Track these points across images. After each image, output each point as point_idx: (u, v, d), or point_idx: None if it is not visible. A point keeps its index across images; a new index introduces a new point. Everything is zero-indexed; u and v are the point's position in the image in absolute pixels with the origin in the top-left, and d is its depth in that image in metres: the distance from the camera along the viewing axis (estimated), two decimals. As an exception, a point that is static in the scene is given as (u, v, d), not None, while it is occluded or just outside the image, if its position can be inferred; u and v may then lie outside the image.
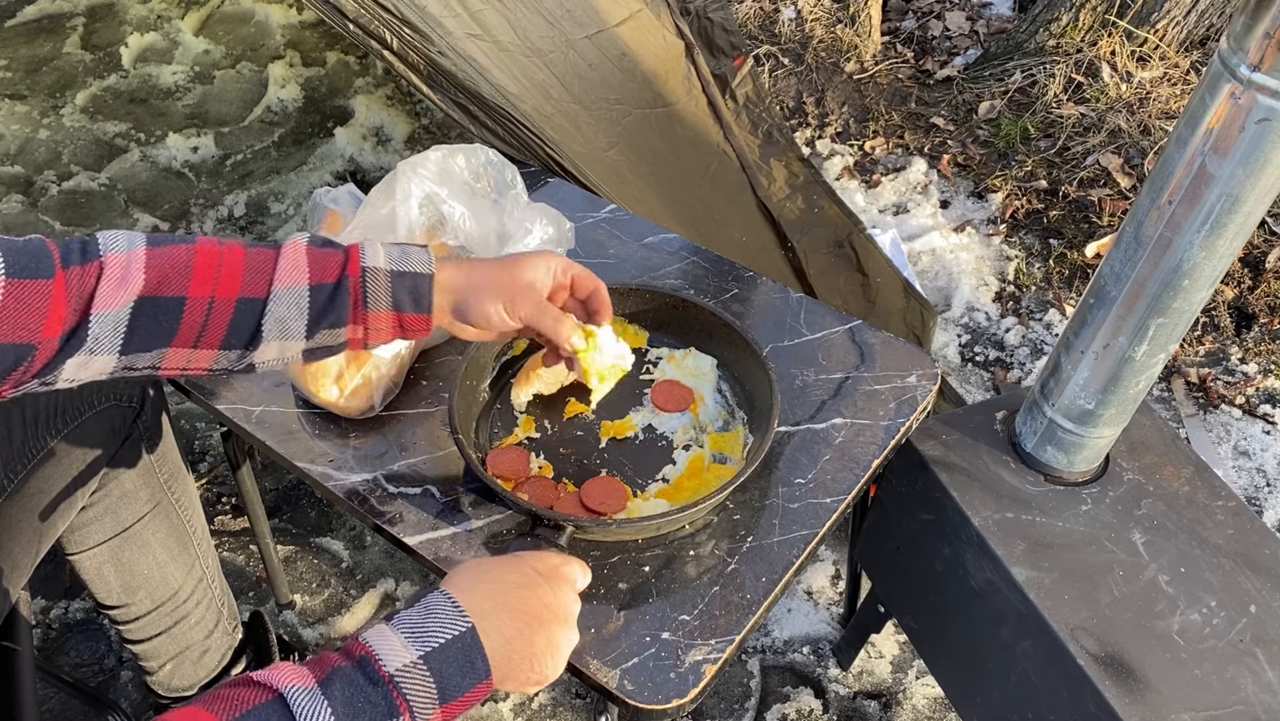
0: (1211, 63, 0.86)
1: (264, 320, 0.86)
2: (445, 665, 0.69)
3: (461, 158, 1.23)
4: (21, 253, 0.78)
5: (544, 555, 0.83)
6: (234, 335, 0.87)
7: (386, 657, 0.68)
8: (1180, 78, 2.67)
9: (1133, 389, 1.08)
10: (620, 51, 1.79)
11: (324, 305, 0.88)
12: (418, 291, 0.91)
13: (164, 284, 0.83)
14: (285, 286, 0.86)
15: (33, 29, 3.08)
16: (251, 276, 0.86)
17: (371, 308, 0.89)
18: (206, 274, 0.84)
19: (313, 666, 0.68)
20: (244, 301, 0.86)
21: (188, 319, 0.84)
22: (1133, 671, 1.01)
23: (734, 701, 1.59)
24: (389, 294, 0.90)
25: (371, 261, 0.89)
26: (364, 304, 0.89)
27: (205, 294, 0.84)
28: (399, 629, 0.70)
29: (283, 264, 0.87)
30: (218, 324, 0.86)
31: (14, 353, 0.78)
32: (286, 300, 0.86)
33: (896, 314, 1.93)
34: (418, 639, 0.70)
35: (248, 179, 2.58)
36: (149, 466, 1.21)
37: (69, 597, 1.69)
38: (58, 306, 0.79)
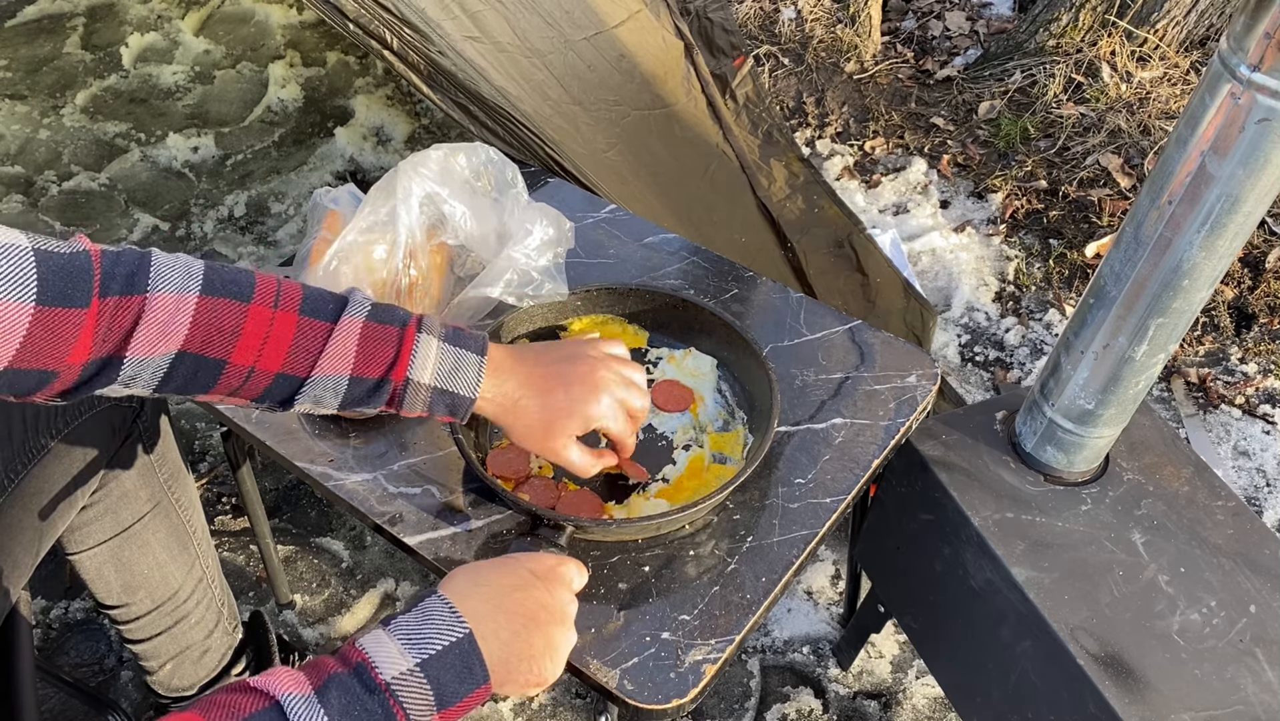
0: (1211, 63, 0.86)
1: (298, 396, 0.86)
2: (442, 672, 0.69)
3: (462, 156, 1.23)
4: (60, 274, 0.73)
5: (540, 556, 0.83)
6: (268, 398, 0.86)
7: (383, 665, 0.68)
8: (1180, 78, 2.67)
9: (1133, 389, 1.08)
10: (619, 52, 1.79)
11: (360, 395, 0.87)
12: (455, 408, 0.90)
13: (208, 344, 0.80)
14: (325, 374, 0.85)
15: (33, 29, 3.08)
16: (296, 354, 0.84)
17: (406, 409, 0.89)
18: (253, 343, 0.82)
19: (309, 672, 0.67)
20: (283, 376, 0.84)
21: (225, 380, 0.83)
22: (1133, 671, 1.01)
23: (734, 701, 1.59)
24: (426, 405, 0.89)
25: (417, 375, 0.87)
26: (400, 404, 0.89)
27: (247, 363, 0.82)
28: (396, 635, 0.70)
29: (330, 349, 0.84)
30: (254, 387, 0.84)
31: (35, 377, 0.75)
32: (324, 384, 0.85)
33: (896, 314, 1.93)
34: (414, 645, 0.70)
35: (248, 179, 2.58)
36: (149, 466, 1.21)
37: (69, 597, 1.69)
38: (86, 336, 0.75)
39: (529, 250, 1.20)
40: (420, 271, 1.17)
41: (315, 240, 1.23)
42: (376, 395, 0.87)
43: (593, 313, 1.26)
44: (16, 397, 0.77)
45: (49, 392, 0.77)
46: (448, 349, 0.88)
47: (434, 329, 0.88)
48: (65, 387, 0.78)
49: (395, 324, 0.87)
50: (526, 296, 1.18)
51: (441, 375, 0.88)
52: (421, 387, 0.87)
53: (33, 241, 0.73)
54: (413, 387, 0.87)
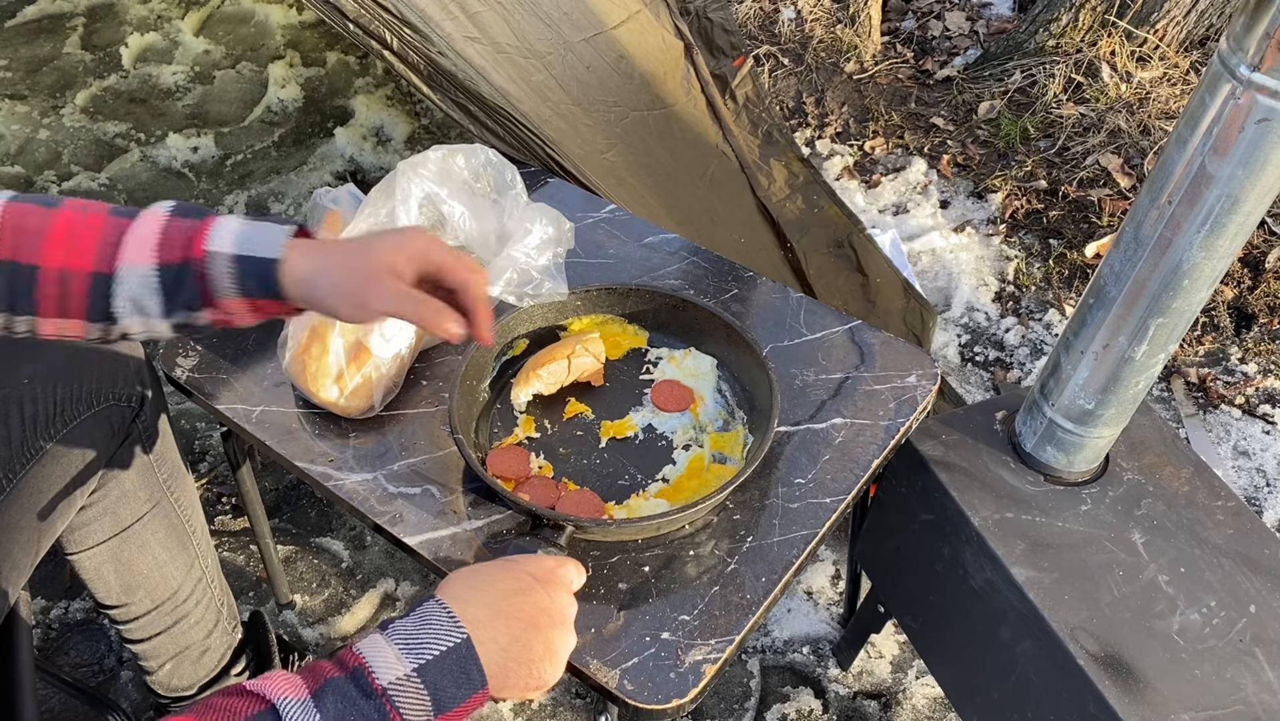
0: (1211, 63, 0.86)
1: (113, 297, 0.83)
2: (440, 677, 0.69)
3: (461, 158, 1.23)
4: None
5: (539, 558, 0.82)
6: (92, 308, 0.84)
7: (380, 670, 0.67)
8: (1180, 78, 2.67)
9: (1132, 389, 1.08)
10: (618, 53, 1.79)
11: (172, 287, 0.83)
12: (264, 277, 0.84)
13: (18, 249, 0.81)
14: (130, 264, 0.82)
15: (33, 29, 3.07)
16: (103, 249, 0.82)
17: (219, 295, 0.84)
18: (59, 241, 0.81)
19: (306, 676, 0.67)
20: (97, 276, 0.82)
21: (43, 288, 0.82)
22: (1133, 671, 1.01)
23: (734, 701, 1.59)
24: (234, 279, 0.84)
25: (216, 245, 0.83)
26: (212, 291, 0.84)
27: (57, 263, 0.81)
28: (393, 640, 0.70)
29: (130, 238, 0.82)
30: (75, 296, 0.83)
31: None
32: (133, 278, 0.83)
33: (896, 314, 1.93)
34: (412, 650, 0.69)
35: (248, 179, 2.58)
36: (148, 466, 1.21)
37: (69, 597, 1.69)
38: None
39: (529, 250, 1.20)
40: (420, 271, 1.17)
41: (315, 240, 1.23)
42: (183, 282, 0.83)
43: (593, 313, 1.26)
44: None
45: None
46: (249, 221, 0.86)
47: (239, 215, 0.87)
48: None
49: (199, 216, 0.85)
50: (526, 296, 1.18)
51: (241, 242, 0.84)
52: (221, 259, 0.83)
53: None
54: (212, 261, 0.83)
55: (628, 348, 1.25)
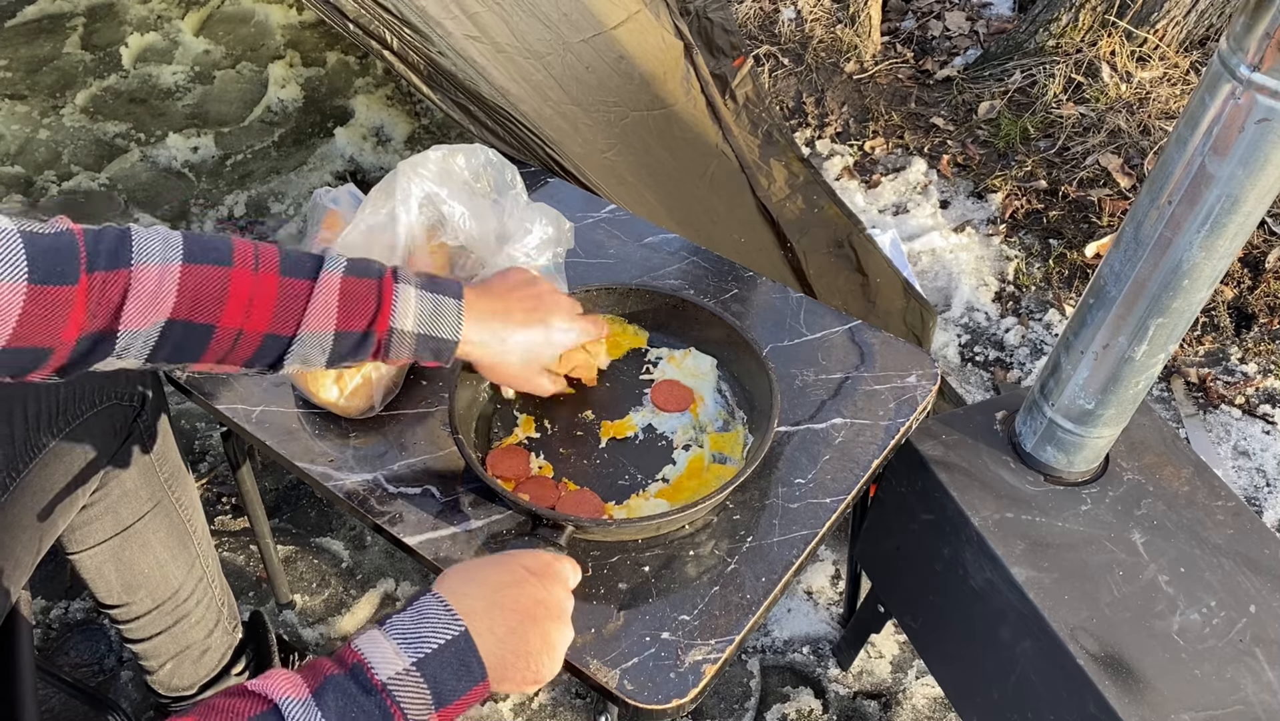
0: (1211, 63, 0.86)
1: (287, 355, 0.88)
2: (439, 670, 0.69)
3: (461, 158, 1.23)
4: (47, 254, 0.76)
5: (535, 553, 0.83)
6: (258, 360, 0.89)
7: (379, 665, 0.68)
8: (1180, 78, 2.67)
9: (1132, 389, 1.08)
10: (618, 54, 1.79)
11: (347, 349, 0.90)
12: (440, 353, 0.94)
13: (195, 310, 0.83)
14: (311, 331, 0.87)
15: (33, 29, 3.08)
16: (281, 314, 0.86)
17: (393, 356, 0.93)
18: (238, 305, 0.84)
19: (306, 674, 0.67)
20: (271, 337, 0.87)
21: (215, 345, 0.85)
22: (1133, 671, 1.01)
23: (734, 701, 1.59)
24: (411, 351, 0.93)
25: (400, 323, 0.90)
26: (386, 353, 0.92)
27: (235, 325, 0.85)
28: (391, 635, 0.70)
29: (313, 307, 0.87)
30: (244, 350, 0.87)
31: (31, 355, 0.78)
32: (311, 341, 0.88)
33: (896, 314, 1.93)
34: (410, 645, 0.70)
35: (248, 179, 2.58)
36: (149, 465, 1.21)
37: (69, 597, 1.69)
38: (78, 312, 0.78)
39: (529, 250, 1.20)
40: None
41: (315, 240, 1.23)
42: (363, 347, 0.90)
43: (593, 312, 1.25)
44: (14, 378, 0.79)
45: (45, 370, 0.80)
46: (426, 295, 0.92)
47: (409, 278, 0.92)
48: (61, 364, 0.80)
49: (373, 276, 0.90)
50: (526, 296, 1.18)
51: (423, 321, 0.91)
52: (406, 335, 0.91)
53: (17, 224, 0.75)
54: (397, 336, 0.91)
55: (628, 347, 1.25)
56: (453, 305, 0.93)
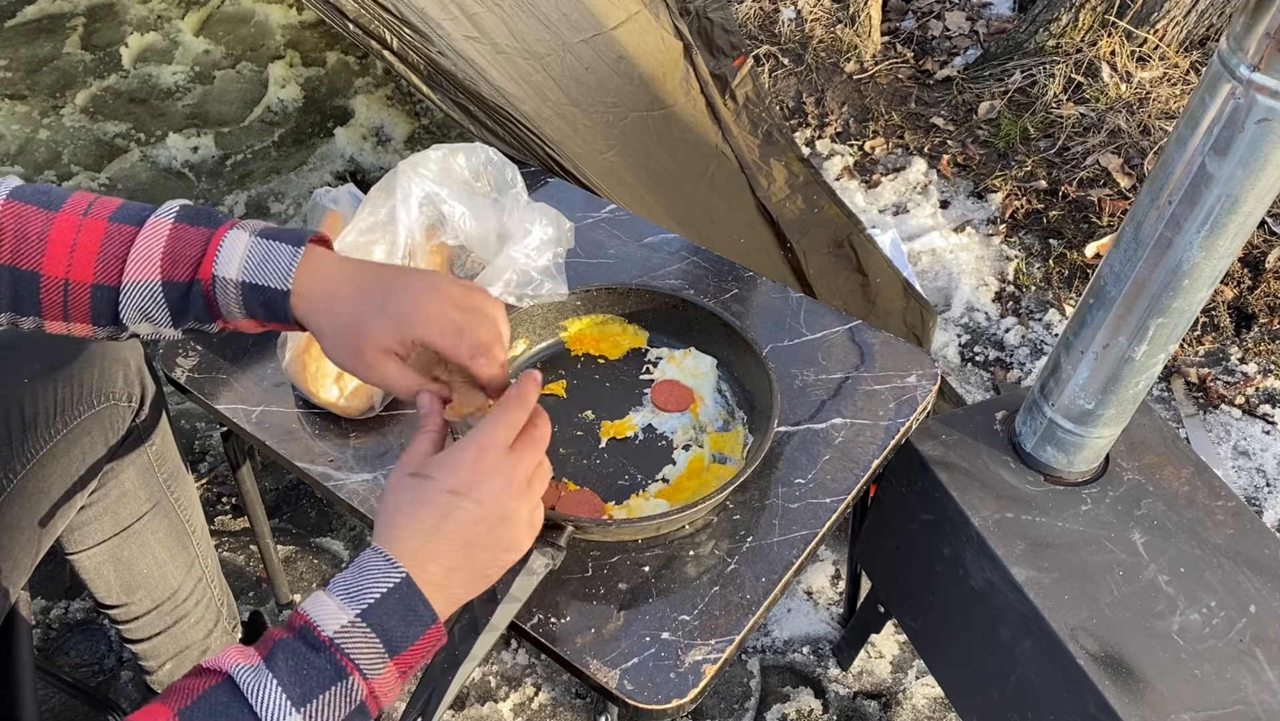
0: (1211, 63, 0.86)
1: (121, 309, 0.82)
2: (385, 618, 0.69)
3: (462, 157, 1.23)
4: None
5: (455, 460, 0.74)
6: (98, 316, 0.83)
7: (324, 622, 0.68)
8: (1180, 78, 2.67)
9: (1133, 389, 1.08)
10: (618, 54, 1.79)
11: (180, 303, 0.82)
12: (273, 306, 0.81)
13: (19, 253, 0.79)
14: (136, 280, 0.80)
15: (33, 29, 3.08)
16: (104, 261, 0.80)
17: (226, 316, 0.83)
18: (61, 251, 0.79)
19: (259, 645, 0.68)
20: (98, 288, 0.81)
21: (46, 295, 0.81)
22: (1133, 671, 1.01)
23: (734, 701, 1.59)
24: (241, 305, 0.82)
25: (223, 270, 0.81)
26: (218, 309, 0.83)
27: (59, 274, 0.80)
28: (334, 592, 0.70)
29: (135, 252, 0.80)
30: (78, 304, 0.81)
31: None
32: (140, 293, 0.81)
33: (896, 314, 1.93)
34: (353, 597, 0.69)
35: (248, 179, 2.58)
36: (148, 465, 1.21)
37: (69, 597, 1.69)
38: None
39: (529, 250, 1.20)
40: (420, 271, 1.17)
41: (315, 240, 1.23)
42: (191, 300, 0.82)
43: (593, 313, 1.26)
44: None
45: None
46: (259, 241, 0.81)
47: (251, 226, 0.83)
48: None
49: (208, 224, 0.82)
50: (526, 296, 1.18)
51: (250, 268, 0.80)
52: (229, 284, 0.81)
53: None
54: (220, 285, 0.81)
55: (628, 347, 1.25)
56: (286, 250, 0.81)
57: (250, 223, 0.84)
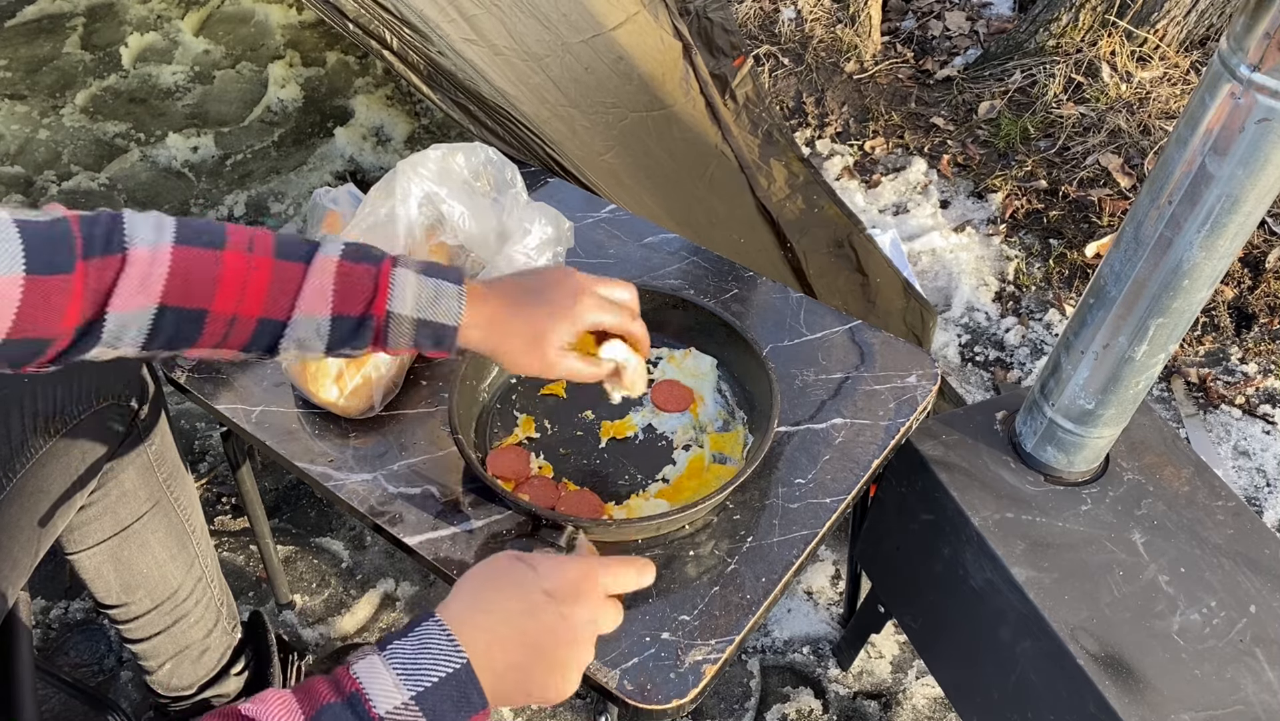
0: (1211, 63, 0.86)
1: (283, 339, 0.86)
2: (439, 703, 0.67)
3: (461, 156, 1.23)
4: (45, 243, 0.75)
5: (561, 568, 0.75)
6: (254, 345, 0.87)
7: (377, 698, 0.65)
8: (1180, 78, 2.67)
9: (1133, 389, 1.08)
10: (617, 55, 1.79)
11: (344, 335, 0.87)
12: (440, 338, 0.89)
13: (187, 296, 0.82)
14: (306, 314, 0.85)
15: (33, 29, 3.08)
16: (275, 297, 0.84)
17: (391, 345, 0.89)
18: (231, 290, 0.83)
19: (301, 699, 0.65)
20: (265, 321, 0.85)
21: (209, 330, 0.84)
22: (1133, 671, 1.01)
23: (734, 701, 1.59)
24: (411, 338, 0.89)
25: (398, 307, 0.87)
26: (385, 340, 0.89)
27: (228, 311, 0.83)
28: (391, 664, 0.67)
29: (307, 289, 0.85)
30: (239, 334, 0.85)
31: (31, 346, 0.77)
32: (306, 326, 0.86)
33: (896, 314, 1.93)
34: (410, 677, 0.67)
35: (248, 179, 2.58)
36: (148, 465, 1.21)
37: (69, 597, 1.69)
38: (75, 301, 0.77)
39: (528, 249, 1.20)
40: (420, 271, 1.17)
41: (315, 240, 1.23)
42: (360, 333, 0.87)
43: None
44: (13, 368, 0.79)
45: (44, 360, 0.80)
46: (426, 280, 0.88)
47: (409, 262, 0.89)
48: (59, 351, 0.80)
49: (370, 261, 0.87)
50: (526, 296, 1.18)
51: (422, 305, 0.88)
52: (404, 320, 0.87)
53: (11, 213, 0.75)
54: (394, 321, 0.87)
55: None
56: (453, 289, 0.89)
57: (405, 259, 0.89)
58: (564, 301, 0.92)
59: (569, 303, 0.92)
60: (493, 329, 0.91)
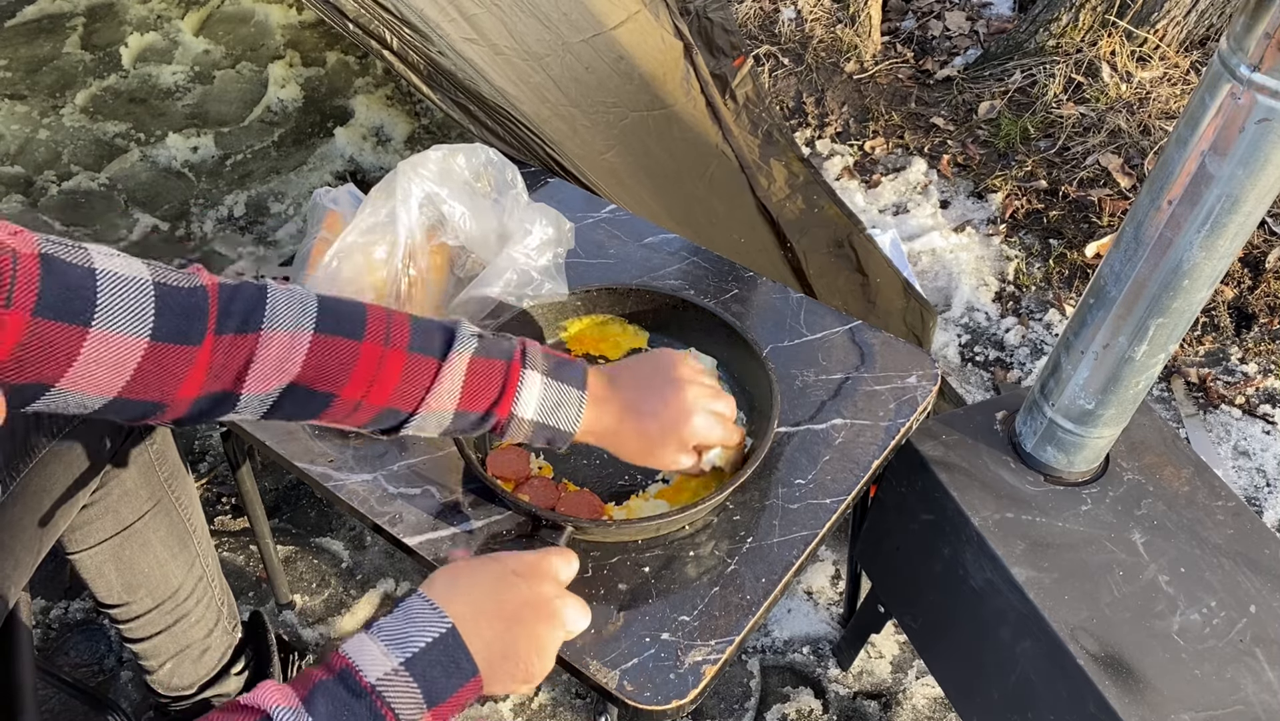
0: (1211, 63, 0.86)
1: (405, 426, 0.88)
2: (428, 668, 0.69)
3: (462, 157, 1.23)
4: (177, 313, 0.74)
5: (521, 554, 0.82)
6: (373, 426, 0.89)
7: (367, 667, 0.68)
8: (1180, 78, 2.67)
9: (1133, 389, 1.08)
10: (618, 54, 1.79)
11: (465, 426, 0.90)
12: (555, 441, 0.93)
13: (318, 380, 0.82)
14: (432, 410, 0.87)
15: (33, 29, 3.07)
16: (404, 391, 0.85)
17: (508, 439, 0.93)
18: (362, 379, 0.83)
19: (296, 685, 0.67)
20: (389, 411, 0.86)
21: (331, 411, 0.85)
22: (1133, 671, 1.01)
23: (734, 701, 1.59)
24: (528, 436, 0.92)
25: (522, 411, 0.89)
26: (502, 434, 0.92)
27: (355, 397, 0.84)
28: (379, 637, 0.70)
29: (437, 388, 0.86)
30: (360, 418, 0.87)
31: (142, 408, 0.77)
32: (429, 418, 0.88)
33: (896, 314, 1.93)
34: (397, 645, 0.69)
35: (248, 179, 2.58)
36: (149, 465, 1.21)
37: (69, 597, 1.69)
38: (198, 372, 0.76)
39: (529, 250, 1.20)
40: (420, 272, 1.17)
41: (315, 240, 1.23)
42: (480, 426, 0.90)
43: (593, 313, 1.26)
44: (125, 422, 0.79)
45: (158, 421, 0.80)
46: (550, 384, 0.91)
47: (537, 362, 0.91)
48: (176, 418, 0.80)
49: (501, 357, 0.89)
50: (526, 296, 1.18)
51: (544, 411, 0.90)
52: (525, 422, 0.90)
53: (153, 274, 0.74)
54: (516, 422, 0.90)
55: (628, 348, 1.25)
56: (575, 396, 0.92)
57: (536, 354, 0.91)
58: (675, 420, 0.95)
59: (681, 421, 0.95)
60: (605, 438, 0.95)
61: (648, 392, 0.96)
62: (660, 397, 0.95)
